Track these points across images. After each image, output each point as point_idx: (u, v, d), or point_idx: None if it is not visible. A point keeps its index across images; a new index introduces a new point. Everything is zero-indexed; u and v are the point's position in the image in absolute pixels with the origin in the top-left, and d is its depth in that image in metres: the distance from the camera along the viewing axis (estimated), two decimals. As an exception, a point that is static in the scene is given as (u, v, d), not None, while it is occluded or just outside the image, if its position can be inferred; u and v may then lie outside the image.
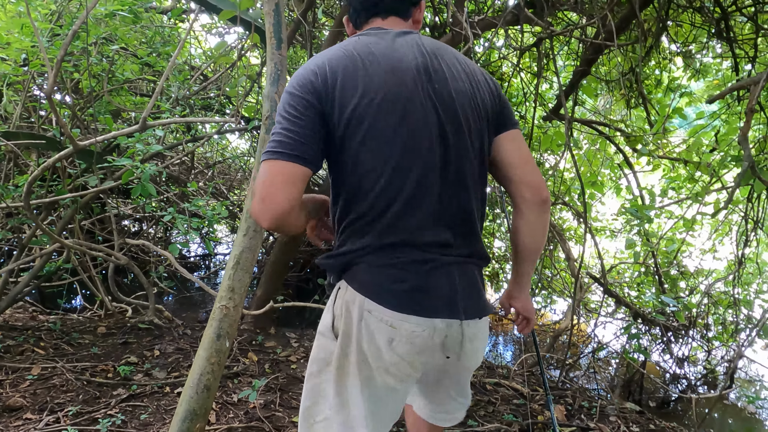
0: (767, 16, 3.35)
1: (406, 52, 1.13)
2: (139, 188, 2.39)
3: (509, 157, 1.21)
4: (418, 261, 1.11)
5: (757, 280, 4.57)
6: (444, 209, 1.13)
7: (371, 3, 1.21)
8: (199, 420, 1.49)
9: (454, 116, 1.12)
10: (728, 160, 3.39)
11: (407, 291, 1.09)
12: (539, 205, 1.19)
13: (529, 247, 1.25)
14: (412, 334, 1.09)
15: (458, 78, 1.15)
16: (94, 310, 3.66)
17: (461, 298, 1.13)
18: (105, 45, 3.19)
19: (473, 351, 1.21)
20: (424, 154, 1.09)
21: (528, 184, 1.19)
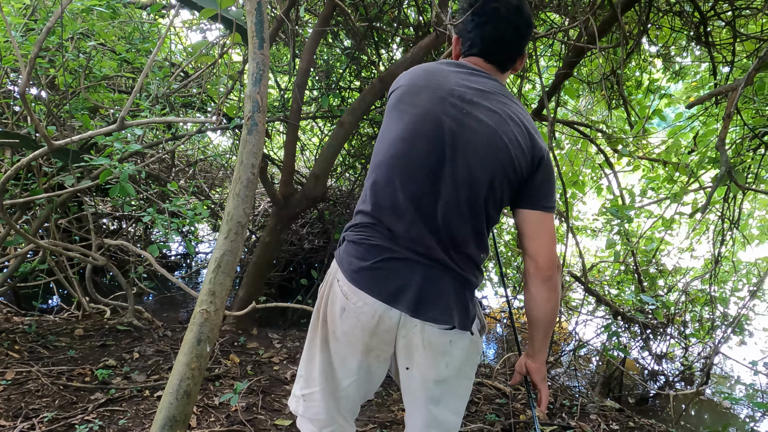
0: (744, 20, 3.42)
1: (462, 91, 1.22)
2: (117, 188, 2.34)
3: (524, 230, 1.25)
4: (384, 248, 1.23)
5: (733, 278, 4.68)
6: (431, 226, 1.21)
7: (476, 47, 1.30)
8: (179, 426, 1.46)
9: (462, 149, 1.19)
10: (705, 162, 3.46)
11: (365, 269, 1.23)
12: (541, 282, 1.24)
13: (533, 317, 1.29)
14: (358, 309, 1.23)
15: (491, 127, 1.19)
16: (71, 311, 3.58)
17: (418, 296, 1.21)
18: (82, 41, 3.11)
19: (430, 361, 1.25)
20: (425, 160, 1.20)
21: (533, 258, 1.24)
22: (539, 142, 1.22)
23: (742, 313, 4.03)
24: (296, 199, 3.38)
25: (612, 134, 4.16)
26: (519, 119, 1.22)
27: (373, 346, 1.27)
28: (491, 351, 5.00)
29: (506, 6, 1.25)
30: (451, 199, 1.20)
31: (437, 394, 1.30)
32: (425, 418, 1.33)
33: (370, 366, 1.32)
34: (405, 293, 1.21)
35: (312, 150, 5.68)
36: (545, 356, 1.35)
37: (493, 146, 1.18)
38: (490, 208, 1.24)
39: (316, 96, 4.42)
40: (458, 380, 1.32)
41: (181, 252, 6.37)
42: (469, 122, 1.19)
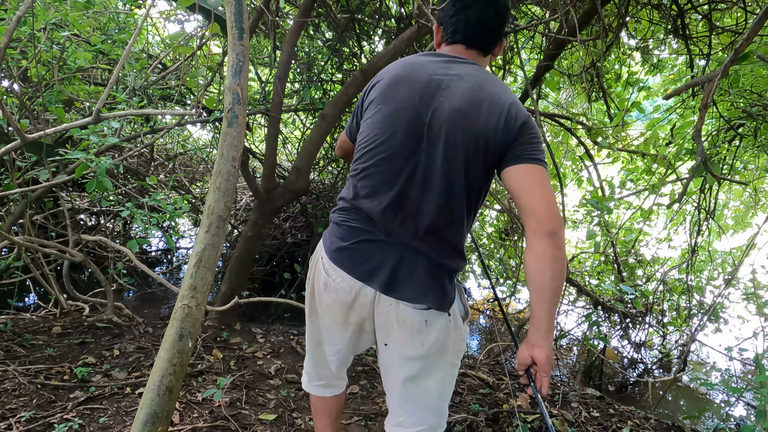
0: (720, 14, 3.48)
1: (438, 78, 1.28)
2: (94, 182, 2.29)
3: (514, 188, 1.22)
4: (362, 230, 1.33)
5: (709, 267, 4.79)
6: (409, 206, 1.28)
7: (457, 35, 1.35)
8: (161, 423, 1.45)
9: (439, 132, 1.24)
10: (683, 153, 3.52)
11: (343, 249, 1.34)
12: (545, 237, 1.16)
13: (536, 282, 1.18)
14: (337, 285, 1.35)
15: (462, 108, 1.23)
16: (48, 309, 3.50)
17: (391, 276, 1.28)
18: (55, 31, 3.02)
19: (406, 338, 1.31)
20: (402, 151, 1.27)
21: (531, 212, 1.18)
22: (518, 111, 1.23)
23: (718, 301, 4.14)
24: (278, 193, 3.35)
25: (592, 126, 4.21)
26: (495, 97, 1.24)
27: (352, 320, 1.38)
28: (475, 342, 5.04)
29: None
30: (428, 184, 1.26)
31: (414, 372, 1.35)
32: (402, 394, 1.39)
33: (354, 338, 1.44)
34: (379, 273, 1.29)
35: (294, 143, 5.63)
36: (552, 339, 1.23)
37: (467, 129, 1.22)
38: (470, 190, 1.27)
39: (298, 88, 4.38)
40: (437, 361, 1.35)
41: (161, 248, 6.28)
42: (444, 109, 1.24)
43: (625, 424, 2.64)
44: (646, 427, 2.64)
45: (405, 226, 1.29)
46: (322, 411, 1.67)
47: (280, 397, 2.50)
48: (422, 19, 2.85)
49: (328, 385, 1.63)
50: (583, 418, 2.66)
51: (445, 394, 1.42)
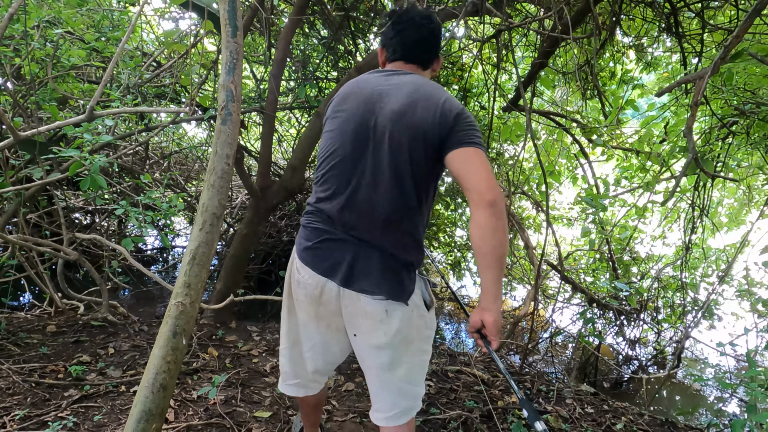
0: (713, 12, 3.50)
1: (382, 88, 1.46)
2: (88, 180, 2.28)
3: (455, 170, 1.34)
4: (324, 230, 1.46)
5: (703, 264, 4.82)
6: (361, 203, 1.41)
7: (397, 53, 1.56)
8: (155, 420, 1.45)
9: (383, 133, 1.39)
10: (677, 151, 3.54)
11: (309, 249, 1.48)
12: (486, 207, 1.26)
13: (481, 250, 1.27)
14: (305, 281, 1.47)
15: (400, 110, 1.39)
16: (43, 308, 3.49)
17: (349, 270, 1.41)
18: (48, 29, 3.01)
19: (369, 328, 1.44)
20: (353, 154, 1.42)
21: (471, 187, 1.29)
22: (452, 105, 1.38)
23: (712, 298, 4.16)
24: (274, 191, 3.35)
25: (587, 124, 4.22)
26: (430, 96, 1.40)
27: (321, 314, 1.50)
28: (470, 340, 5.06)
29: (419, 16, 1.54)
30: (378, 181, 1.40)
31: (384, 360, 1.47)
32: (376, 382, 1.53)
33: (326, 334, 1.54)
34: (339, 268, 1.42)
35: (289, 141, 5.63)
36: (501, 303, 1.32)
37: (407, 126, 1.37)
38: (418, 182, 1.40)
39: (293, 86, 4.37)
40: (404, 349, 1.46)
41: (157, 246, 6.26)
42: (386, 113, 1.40)
43: (619, 420, 2.65)
44: (639, 423, 2.66)
45: (362, 221, 1.42)
46: (304, 404, 1.83)
47: (275, 394, 2.51)
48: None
49: (302, 386, 1.69)
50: (578, 414, 2.67)
51: (415, 379, 1.53)
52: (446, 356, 3.38)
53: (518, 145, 5.37)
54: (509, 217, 4.27)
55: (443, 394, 2.77)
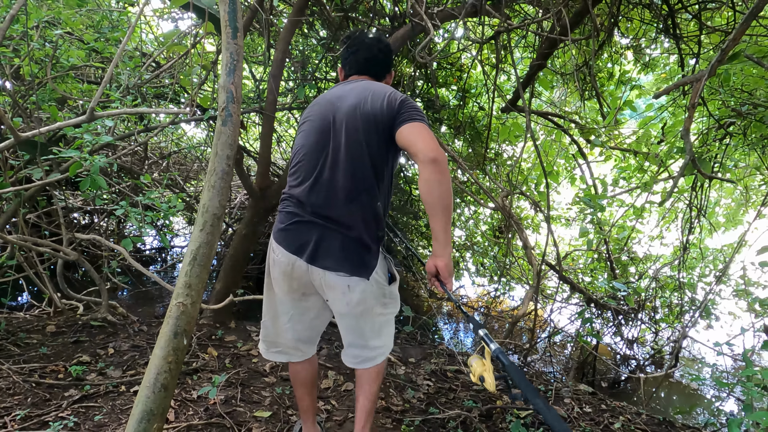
0: (710, 14, 3.51)
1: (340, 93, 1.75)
2: (88, 181, 2.29)
3: (403, 140, 1.57)
4: (295, 214, 1.68)
5: (700, 264, 4.84)
6: (324, 186, 1.64)
7: (353, 69, 1.88)
8: (156, 420, 1.46)
9: (340, 125, 1.65)
10: (674, 151, 3.56)
11: (282, 230, 1.70)
12: (430, 163, 1.46)
13: (429, 202, 1.49)
14: (279, 260, 1.70)
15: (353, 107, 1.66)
16: (42, 308, 3.49)
17: (313, 247, 1.63)
18: (47, 29, 3.01)
19: (335, 298, 1.69)
20: (316, 146, 1.68)
21: (417, 150, 1.51)
22: (396, 95, 1.65)
23: (709, 298, 4.18)
24: (273, 191, 3.35)
25: (585, 125, 4.24)
26: (378, 90, 1.67)
27: (294, 287, 1.72)
28: (469, 340, 5.07)
29: (369, 38, 1.89)
30: (338, 163, 1.63)
31: (350, 324, 1.76)
32: (345, 338, 1.84)
33: (300, 304, 1.78)
34: (306, 247, 1.64)
35: (288, 141, 5.63)
36: (450, 249, 1.56)
37: (361, 115, 1.63)
38: (374, 161, 1.64)
39: (292, 87, 4.38)
40: (365, 317, 1.73)
41: (156, 246, 6.26)
42: (343, 108, 1.67)
43: (617, 419, 2.67)
44: (637, 422, 2.68)
45: (327, 200, 1.64)
46: (299, 383, 1.97)
47: (275, 394, 2.52)
48: (416, 17, 2.86)
49: (283, 353, 1.89)
50: (576, 414, 2.69)
51: (378, 336, 1.81)
52: (445, 356, 3.39)
53: (517, 146, 5.38)
54: (509, 216, 4.28)
55: (442, 394, 2.79)
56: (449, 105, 4.85)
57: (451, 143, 5.15)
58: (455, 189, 5.04)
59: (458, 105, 4.73)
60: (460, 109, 4.71)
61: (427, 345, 3.66)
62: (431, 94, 4.50)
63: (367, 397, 1.86)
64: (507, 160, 5.26)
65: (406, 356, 3.30)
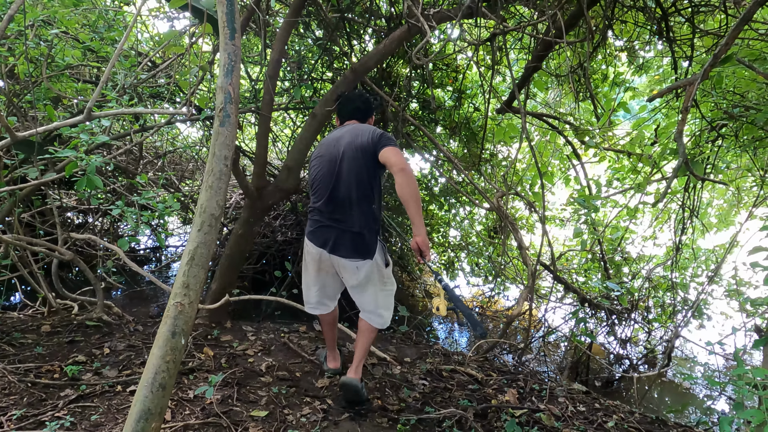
0: (703, 17, 3.55)
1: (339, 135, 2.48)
2: (84, 181, 2.29)
3: (384, 158, 2.27)
4: (318, 220, 2.45)
5: (693, 264, 4.88)
6: (335, 199, 2.38)
7: (345, 117, 2.67)
8: (154, 419, 1.46)
9: (342, 156, 2.36)
10: (667, 153, 3.59)
11: (311, 232, 2.48)
12: (399, 173, 2.17)
13: (402, 197, 2.15)
14: (311, 252, 2.49)
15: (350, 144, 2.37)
16: (36, 308, 3.48)
17: (332, 243, 2.39)
18: (43, 28, 3.00)
19: (348, 276, 2.45)
20: (329, 173, 2.40)
21: (391, 164, 2.22)
22: (376, 131, 2.36)
23: (701, 298, 4.22)
24: (269, 191, 3.36)
25: (579, 126, 4.26)
26: (365, 130, 2.39)
27: (321, 268, 2.52)
28: (464, 339, 5.09)
29: (353, 95, 2.70)
30: (344, 186, 2.35)
31: (359, 293, 2.51)
32: (356, 301, 2.56)
33: (325, 277, 2.57)
34: (327, 242, 2.40)
35: (284, 142, 5.63)
36: (424, 228, 2.19)
37: (355, 148, 2.34)
38: (368, 177, 2.34)
39: (288, 87, 4.38)
40: (369, 286, 2.46)
41: (150, 246, 6.25)
42: (343, 145, 2.38)
43: (611, 418, 2.70)
44: (630, 421, 2.70)
45: (338, 209, 2.38)
46: (323, 322, 2.79)
47: (271, 394, 2.52)
48: (412, 19, 2.87)
49: (315, 308, 2.70)
50: (570, 413, 2.71)
51: (380, 305, 2.51)
52: (440, 356, 3.41)
53: (511, 147, 5.41)
54: (503, 217, 4.30)
55: (438, 393, 2.80)
56: (445, 106, 4.87)
57: (446, 144, 5.17)
58: (450, 189, 5.07)
59: (454, 106, 4.75)
60: (455, 110, 4.73)
61: (422, 345, 3.68)
62: (427, 95, 4.52)
63: (364, 341, 2.58)
64: (502, 161, 5.28)
65: (401, 356, 3.31)
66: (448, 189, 5.16)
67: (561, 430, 2.50)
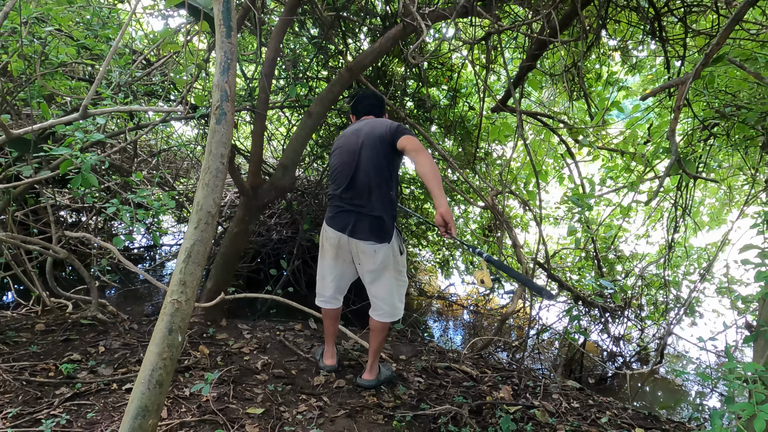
0: (695, 17, 3.58)
1: (357, 127, 2.59)
2: (79, 179, 2.28)
3: (403, 146, 2.37)
4: (339, 206, 2.54)
5: (685, 262, 4.93)
6: (354, 185, 2.47)
7: (361, 113, 2.76)
8: (151, 416, 1.47)
9: (362, 146, 2.47)
10: (660, 152, 3.62)
11: (331, 217, 2.56)
12: (417, 154, 2.28)
13: (424, 174, 2.22)
14: (330, 236, 2.57)
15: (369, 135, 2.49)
16: (30, 307, 3.47)
17: (351, 226, 2.47)
18: (36, 25, 2.99)
19: (366, 260, 2.50)
20: (349, 162, 2.49)
21: (410, 149, 2.33)
22: (393, 123, 2.47)
23: (694, 295, 4.26)
24: (264, 190, 3.36)
25: (573, 125, 4.29)
26: (382, 123, 2.51)
27: (339, 254, 2.59)
28: (458, 337, 5.12)
29: (365, 93, 2.88)
30: (362, 170, 2.45)
31: (372, 279, 2.55)
32: (370, 292, 2.61)
33: (342, 266, 2.64)
34: (347, 226, 2.48)
35: (280, 140, 5.63)
36: (445, 201, 2.20)
37: (374, 138, 2.45)
38: (387, 164, 2.44)
39: (284, 85, 4.38)
40: (385, 271, 2.51)
41: (144, 245, 6.23)
42: (362, 135, 2.50)
43: (604, 414, 2.72)
44: (623, 417, 2.73)
45: (357, 195, 2.47)
46: (327, 317, 2.84)
47: (267, 391, 2.53)
48: (408, 17, 2.88)
49: (327, 302, 2.78)
50: (564, 409, 2.74)
51: (394, 295, 2.57)
52: (435, 353, 3.43)
53: (506, 145, 5.43)
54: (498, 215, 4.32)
55: (433, 390, 2.82)
56: (440, 104, 4.88)
57: (441, 142, 5.19)
58: (445, 188, 5.08)
59: (449, 104, 4.77)
60: (450, 109, 4.75)
61: (417, 343, 3.69)
62: (422, 94, 4.53)
63: (378, 341, 2.67)
64: (497, 160, 5.31)
65: (397, 353, 3.33)
66: (444, 187, 5.17)
67: (555, 426, 2.53)
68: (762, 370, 1.47)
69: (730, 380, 1.43)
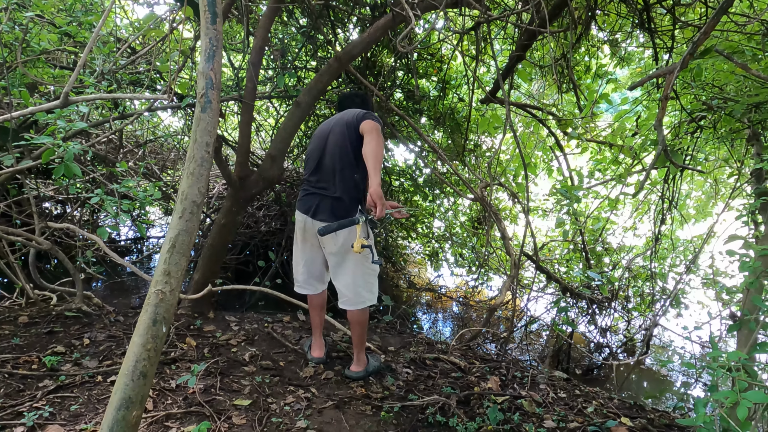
0: (684, 9, 3.59)
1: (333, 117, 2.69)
2: (62, 168, 2.24)
3: (362, 128, 2.40)
4: (306, 189, 2.61)
5: (671, 255, 4.97)
6: (321, 169, 2.54)
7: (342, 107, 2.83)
8: (135, 408, 1.45)
9: (330, 131, 2.58)
10: (648, 144, 3.64)
11: (299, 200, 2.63)
12: (367, 134, 2.33)
13: (365, 153, 2.30)
14: (298, 219, 2.63)
15: (338, 121, 2.58)
16: (13, 299, 3.41)
17: (315, 208, 2.51)
18: (17, 11, 2.92)
19: (328, 242, 2.51)
20: (318, 147, 2.59)
21: (363, 129, 2.38)
22: (359, 111, 2.52)
23: (679, 287, 4.31)
24: (252, 181, 3.33)
25: (562, 117, 4.30)
26: (350, 112, 2.55)
27: (306, 237, 2.63)
28: (447, 329, 5.13)
29: (351, 94, 2.92)
30: (329, 156, 2.52)
31: (336, 262, 2.57)
32: (334, 278, 2.63)
33: (310, 250, 2.67)
34: (311, 209, 2.52)
35: (268, 131, 5.58)
36: (378, 181, 2.22)
37: (342, 124, 2.53)
38: (352, 148, 2.46)
39: (272, 75, 4.33)
40: (346, 255, 2.51)
41: (131, 237, 6.16)
42: (331, 126, 2.60)
43: (590, 404, 2.75)
44: (610, 407, 2.76)
45: (323, 178, 2.52)
46: (312, 306, 2.87)
47: (254, 383, 2.52)
48: (397, 7, 2.85)
49: (301, 287, 2.80)
50: (551, 399, 2.76)
51: (358, 281, 2.54)
52: (424, 345, 3.43)
53: (495, 137, 5.44)
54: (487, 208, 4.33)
55: (421, 381, 2.82)
56: (429, 96, 4.86)
57: (431, 134, 5.18)
58: (435, 180, 5.08)
59: (438, 96, 4.75)
60: (440, 100, 4.73)
61: (406, 334, 3.69)
62: (411, 85, 4.51)
63: (358, 333, 2.67)
64: (486, 152, 5.31)
65: (385, 345, 3.33)
66: (433, 180, 5.17)
67: (542, 416, 2.54)
68: (745, 358, 1.49)
69: (714, 368, 1.45)
